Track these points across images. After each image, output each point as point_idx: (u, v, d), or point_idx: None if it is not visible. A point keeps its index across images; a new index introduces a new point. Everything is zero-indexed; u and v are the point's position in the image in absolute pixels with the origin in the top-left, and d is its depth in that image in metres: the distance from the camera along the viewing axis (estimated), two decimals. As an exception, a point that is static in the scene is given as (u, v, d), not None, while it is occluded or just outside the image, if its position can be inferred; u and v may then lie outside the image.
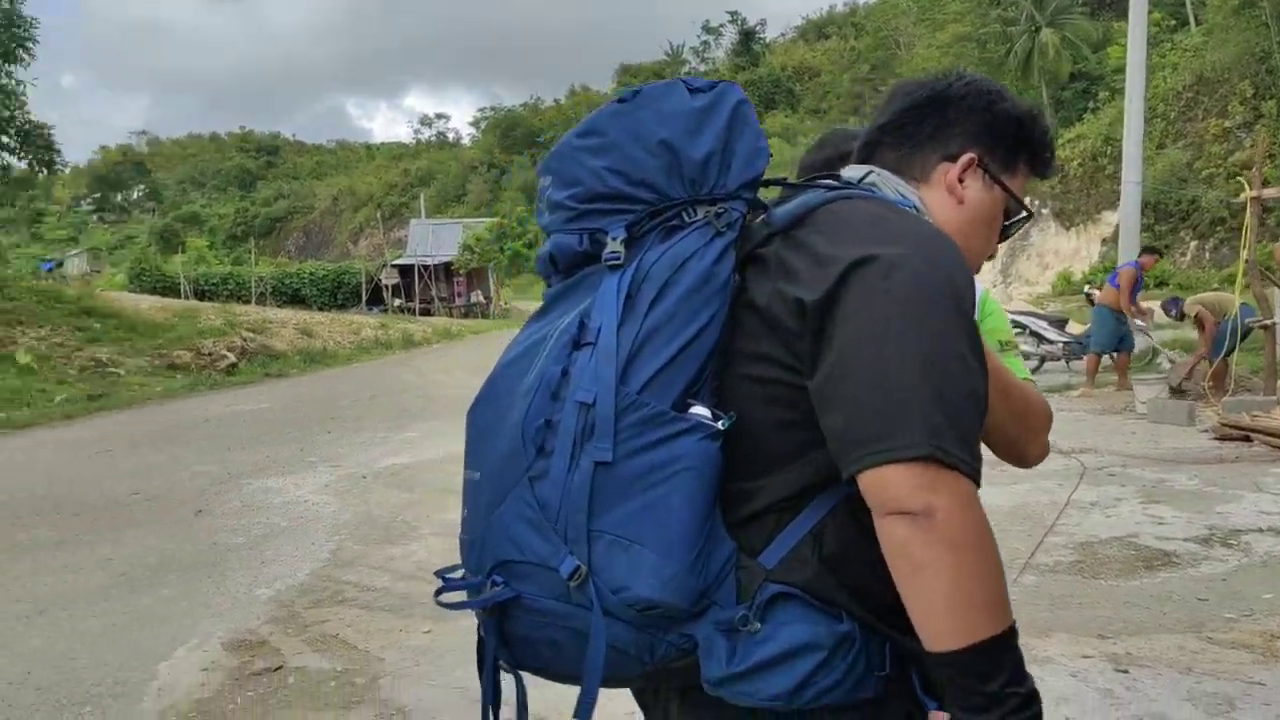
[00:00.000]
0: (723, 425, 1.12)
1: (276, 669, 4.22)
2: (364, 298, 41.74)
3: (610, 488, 1.10)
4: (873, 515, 1.07)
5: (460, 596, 1.26)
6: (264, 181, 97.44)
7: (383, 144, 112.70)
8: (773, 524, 1.15)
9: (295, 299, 41.71)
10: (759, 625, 1.11)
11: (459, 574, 1.27)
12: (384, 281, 41.00)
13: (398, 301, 40.94)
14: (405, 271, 42.16)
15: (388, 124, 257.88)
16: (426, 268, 42.44)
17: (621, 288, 1.16)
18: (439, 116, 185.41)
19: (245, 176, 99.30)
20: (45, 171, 23.75)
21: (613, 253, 1.19)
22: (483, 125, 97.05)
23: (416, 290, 41.69)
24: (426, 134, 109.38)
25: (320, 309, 36.85)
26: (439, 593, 1.27)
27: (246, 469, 8.90)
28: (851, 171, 1.39)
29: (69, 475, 8.82)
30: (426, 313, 40.28)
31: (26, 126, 21.35)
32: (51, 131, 21.99)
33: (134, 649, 4.46)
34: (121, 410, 13.85)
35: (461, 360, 21.25)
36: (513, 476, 1.17)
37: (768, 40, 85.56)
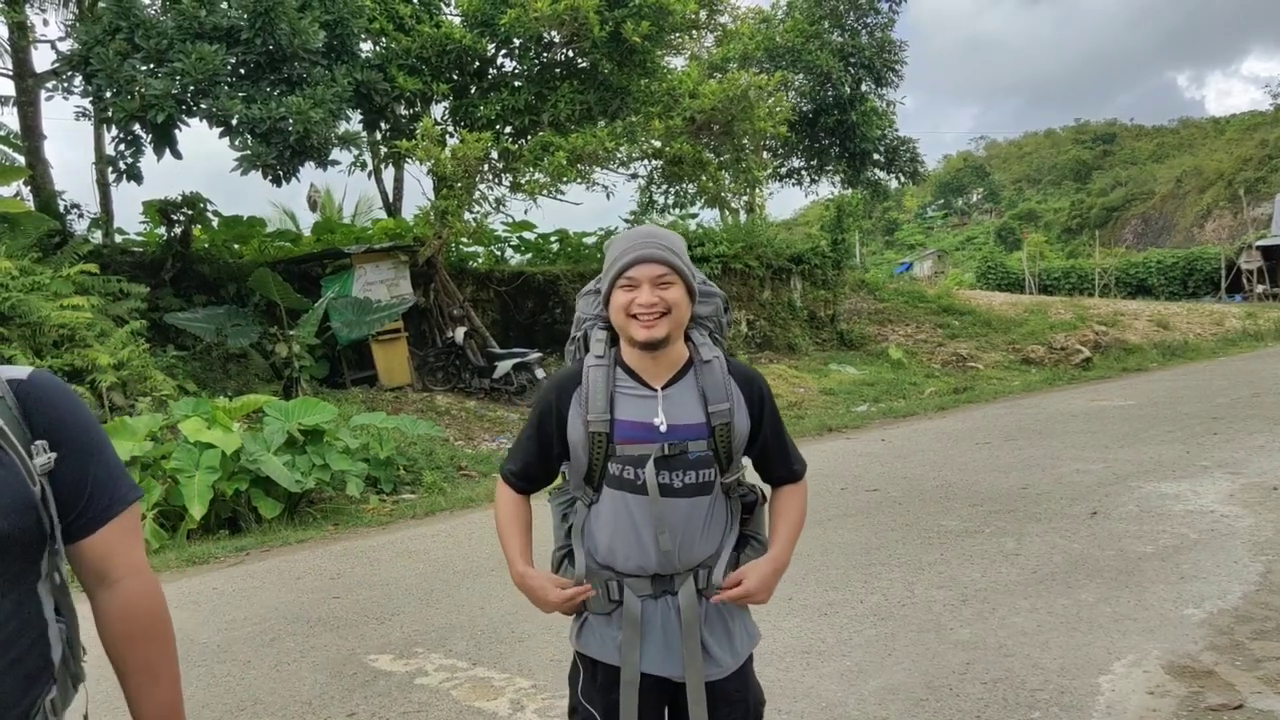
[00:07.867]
0: None
1: (1236, 707, 3.69)
2: (1222, 285, 37.73)
3: None
4: None
5: None
6: (1099, 171, 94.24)
7: (1234, 116, 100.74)
8: None
9: (1140, 289, 39.58)
10: None
11: None
12: (1244, 266, 36.63)
13: (1261, 287, 36.23)
14: (1270, 254, 37.20)
15: (1221, 95, 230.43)
16: (1299, 248, 36.91)
17: None
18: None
19: (1080, 168, 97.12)
20: (910, 183, 25.85)
21: None
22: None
23: (1286, 274, 36.46)
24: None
25: (1169, 299, 34.42)
26: None
27: (1132, 470, 8.37)
28: None
29: (957, 464, 9.22)
30: (1297, 299, 35.13)
31: (895, 143, 23.48)
32: (916, 145, 23.85)
33: (1068, 655, 4.29)
34: (986, 403, 14.29)
35: (1362, 354, 17.88)
36: None
37: None
